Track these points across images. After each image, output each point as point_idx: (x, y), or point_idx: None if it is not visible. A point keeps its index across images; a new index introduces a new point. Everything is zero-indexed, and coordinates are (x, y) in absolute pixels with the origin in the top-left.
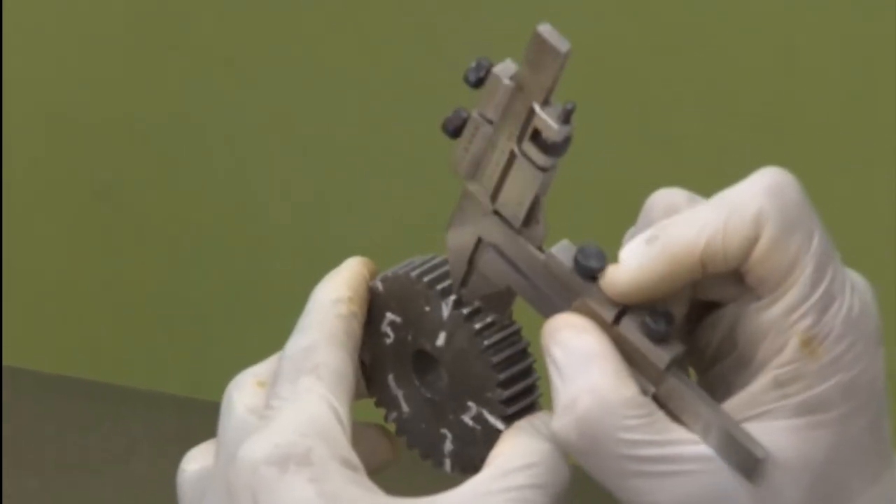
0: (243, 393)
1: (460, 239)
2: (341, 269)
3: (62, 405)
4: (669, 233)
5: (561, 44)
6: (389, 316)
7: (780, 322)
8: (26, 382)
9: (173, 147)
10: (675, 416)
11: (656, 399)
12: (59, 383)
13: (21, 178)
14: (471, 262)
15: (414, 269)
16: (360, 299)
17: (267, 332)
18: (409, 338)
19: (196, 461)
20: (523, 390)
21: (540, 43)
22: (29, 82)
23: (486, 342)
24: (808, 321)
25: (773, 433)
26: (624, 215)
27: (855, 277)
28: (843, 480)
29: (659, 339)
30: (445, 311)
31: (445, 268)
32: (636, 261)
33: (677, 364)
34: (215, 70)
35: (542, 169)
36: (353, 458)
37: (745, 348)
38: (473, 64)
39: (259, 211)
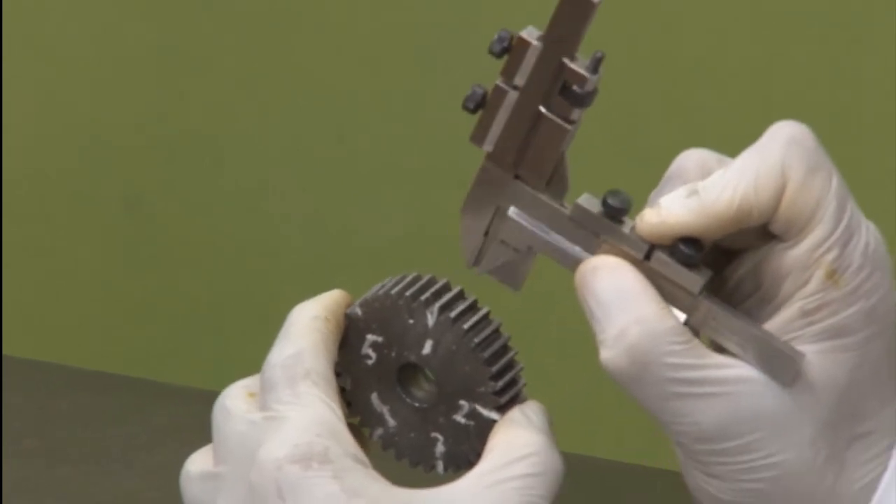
0: (237, 402)
1: (477, 212)
2: (320, 295)
3: (93, 398)
4: (708, 190)
5: None
6: (371, 338)
7: (805, 258)
8: (60, 377)
9: (195, 162)
10: (710, 342)
11: (690, 328)
12: (90, 378)
13: (59, 190)
14: (486, 233)
15: (391, 288)
16: (336, 321)
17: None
18: (393, 354)
19: (198, 464)
20: (511, 380)
21: None
22: (65, 104)
23: (475, 339)
24: (833, 254)
25: None
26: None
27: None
28: (863, 400)
29: (690, 264)
30: (431, 319)
31: (422, 281)
32: (676, 209)
33: (708, 289)
34: (236, 91)
35: (572, 122)
36: (362, 455)
37: (770, 286)
38: (496, 36)
39: (274, 219)
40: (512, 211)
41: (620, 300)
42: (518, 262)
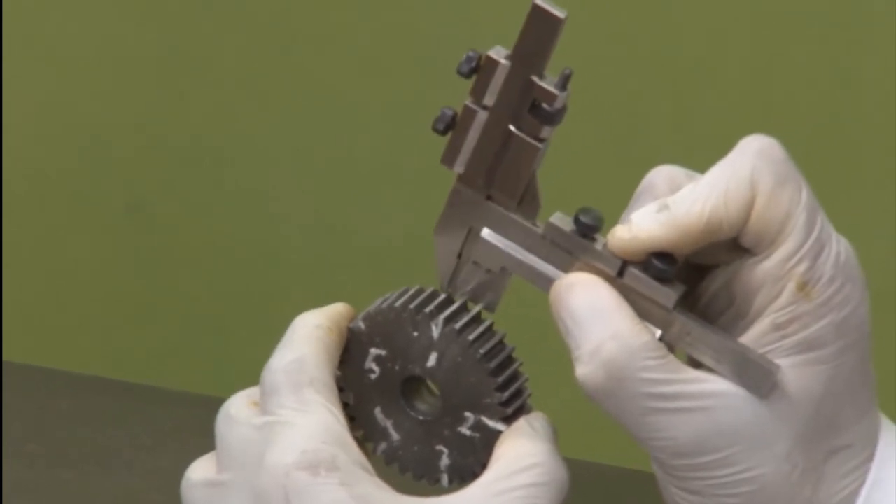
0: (241, 410)
1: (449, 235)
2: (324, 307)
3: (95, 402)
4: (678, 204)
5: (559, 11)
6: (374, 351)
7: (776, 271)
8: (61, 381)
9: (196, 165)
10: (686, 358)
11: (666, 344)
12: (91, 382)
13: (60, 193)
14: (460, 255)
15: (395, 301)
16: (339, 332)
17: (281, 338)
18: (397, 367)
19: (200, 471)
20: (517, 391)
21: (539, 13)
22: (66, 107)
23: (480, 350)
24: (803, 266)
25: None
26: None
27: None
28: (839, 413)
29: (664, 279)
30: (435, 331)
31: (425, 294)
32: (646, 224)
33: (682, 304)
34: (237, 94)
35: (542, 140)
36: (367, 463)
37: (743, 300)
38: (464, 57)
39: (276, 222)
40: (485, 232)
41: (595, 316)
42: (492, 282)
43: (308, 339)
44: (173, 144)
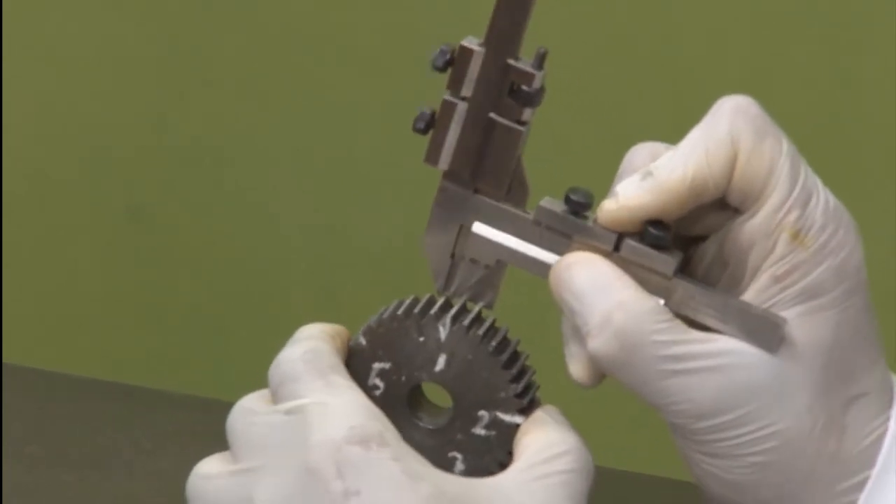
0: (259, 403)
1: (441, 236)
2: (324, 324)
3: (95, 405)
4: (661, 169)
5: None
6: (377, 366)
7: (767, 224)
8: (62, 384)
9: (198, 169)
10: (690, 322)
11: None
12: (92, 385)
13: (61, 197)
14: (453, 255)
15: (395, 311)
16: (342, 341)
17: (283, 340)
18: (403, 378)
19: (216, 465)
20: (529, 383)
21: None
22: (67, 112)
23: (491, 344)
24: (794, 215)
25: None
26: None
27: None
28: (850, 360)
29: (661, 246)
30: (443, 332)
31: (424, 300)
32: (632, 192)
33: (680, 271)
34: (238, 98)
35: (524, 123)
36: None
37: (738, 262)
38: (437, 51)
39: (276, 225)
40: (476, 226)
41: (598, 289)
42: (489, 278)
43: (317, 336)
44: (173, 147)
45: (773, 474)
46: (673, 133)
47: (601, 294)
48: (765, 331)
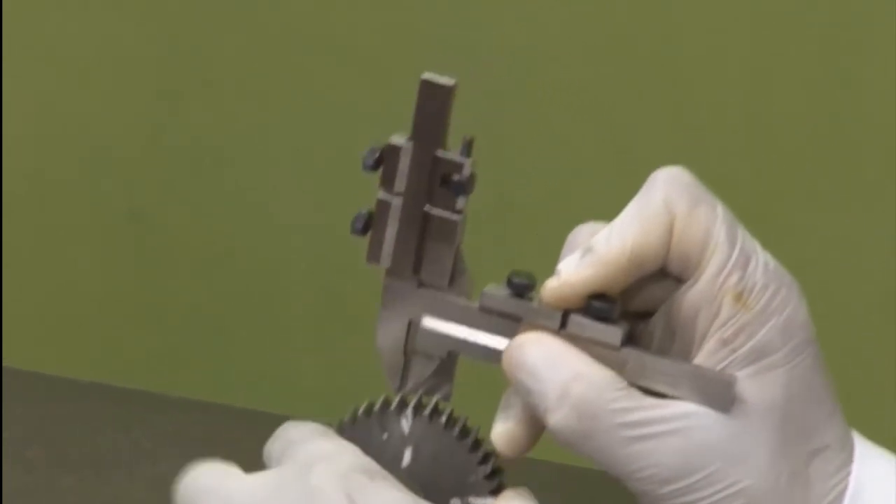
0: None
1: (391, 335)
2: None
3: (96, 408)
4: (600, 243)
5: (447, 80)
6: None
7: (709, 289)
8: (62, 388)
9: (199, 171)
10: (644, 391)
11: None
12: (92, 389)
13: (62, 200)
14: (405, 352)
15: (354, 414)
16: None
17: (283, 343)
18: None
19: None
20: (496, 465)
21: (428, 87)
22: (68, 114)
23: (456, 429)
24: (735, 277)
25: None
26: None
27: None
28: (807, 415)
29: (607, 318)
30: (406, 425)
31: (381, 400)
32: (573, 269)
33: (628, 341)
34: (239, 100)
35: (459, 212)
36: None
37: (685, 330)
38: (366, 152)
39: (279, 229)
40: (425, 321)
41: (552, 365)
42: (443, 370)
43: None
44: (173, 148)
45: None
46: (673, 133)
47: (556, 369)
48: (717, 391)
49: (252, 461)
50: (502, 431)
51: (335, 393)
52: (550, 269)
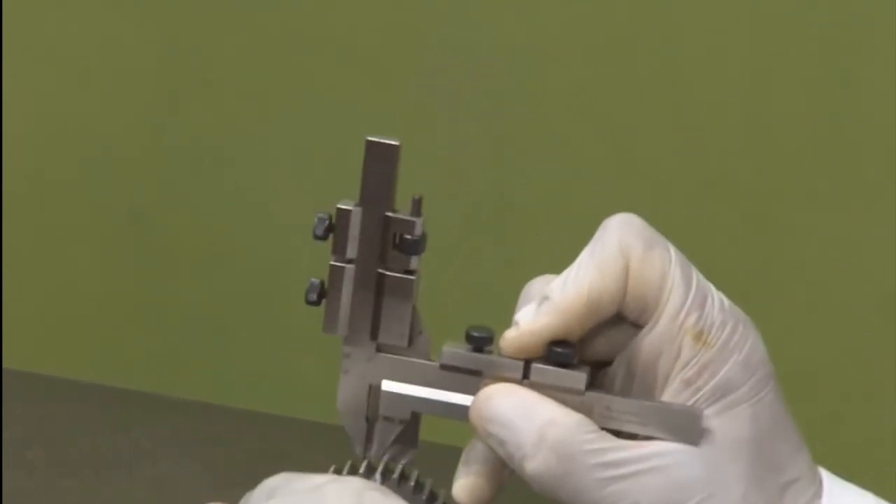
0: None
1: (352, 402)
2: None
3: (96, 409)
4: (556, 290)
5: (392, 140)
6: None
7: (669, 330)
8: (62, 389)
9: (200, 172)
10: (613, 433)
11: None
12: (92, 389)
13: (62, 200)
14: (368, 417)
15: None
16: None
17: (283, 343)
18: None
19: None
20: None
21: (374, 148)
22: (68, 114)
23: (424, 493)
24: (693, 317)
25: None
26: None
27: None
28: (776, 448)
29: (568, 364)
30: None
31: (347, 466)
32: (531, 318)
33: (591, 385)
34: (240, 100)
35: (413, 273)
36: None
37: (647, 374)
38: (315, 220)
39: (280, 230)
40: (385, 385)
41: (523, 414)
42: (406, 433)
43: None
44: (174, 148)
45: None
46: (673, 133)
47: (528, 417)
48: (685, 425)
49: (252, 461)
50: (465, 485)
51: (335, 394)
52: (551, 270)
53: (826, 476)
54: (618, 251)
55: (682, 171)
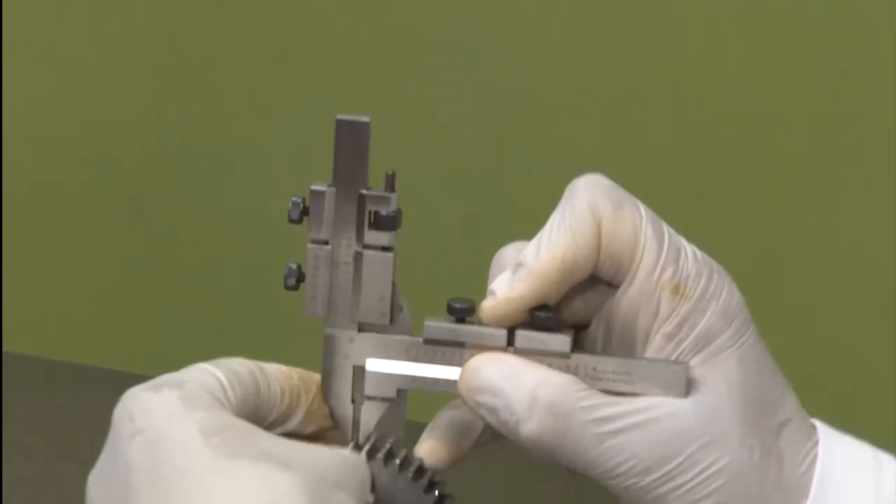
0: None
1: (337, 385)
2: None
3: (96, 395)
4: (530, 256)
5: (362, 117)
6: None
7: (646, 286)
8: (62, 374)
9: (199, 163)
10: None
11: None
12: (92, 374)
13: (62, 189)
14: (353, 399)
15: None
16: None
17: (281, 334)
18: None
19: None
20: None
21: (344, 126)
22: (68, 106)
23: (411, 470)
24: (669, 271)
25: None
26: None
27: None
28: (765, 390)
29: (550, 328)
30: None
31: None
32: (507, 285)
33: (574, 347)
34: (240, 94)
35: (390, 249)
36: (225, 401)
37: (626, 333)
38: (289, 205)
39: (278, 222)
40: (368, 364)
41: (513, 379)
42: (393, 411)
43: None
44: (177, 144)
45: None
46: (673, 132)
47: (517, 382)
48: (672, 378)
49: None
50: (426, 447)
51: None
52: None
53: (821, 424)
54: (588, 212)
55: (682, 170)
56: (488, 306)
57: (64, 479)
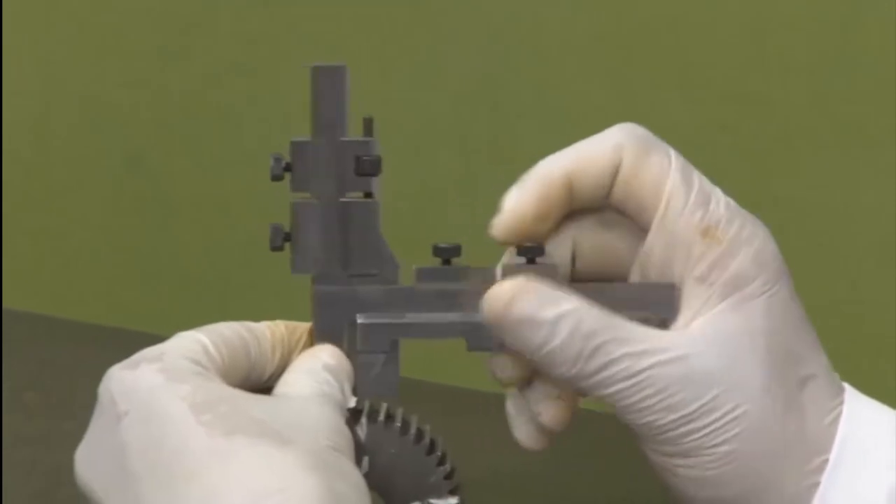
0: None
1: (331, 342)
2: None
3: (95, 352)
4: (537, 166)
5: (337, 63)
6: None
7: (675, 231)
8: (61, 331)
9: (196, 119)
10: None
11: None
12: (91, 331)
13: (60, 144)
14: (349, 355)
15: None
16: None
17: (283, 293)
18: None
19: None
20: (453, 466)
21: (320, 73)
22: (65, 60)
23: (411, 433)
24: (698, 214)
25: (715, 319)
26: None
27: None
28: (791, 343)
29: (537, 257)
30: (362, 433)
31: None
32: (513, 196)
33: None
34: (237, 48)
35: (373, 195)
36: (209, 364)
37: (662, 280)
38: (271, 162)
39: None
40: (360, 318)
41: (550, 308)
42: (387, 365)
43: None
44: (174, 98)
45: (746, 461)
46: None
47: (554, 310)
48: (662, 297)
49: None
50: (522, 434)
51: None
52: None
53: (849, 387)
54: (610, 147)
55: (683, 116)
56: (496, 221)
57: (63, 438)
